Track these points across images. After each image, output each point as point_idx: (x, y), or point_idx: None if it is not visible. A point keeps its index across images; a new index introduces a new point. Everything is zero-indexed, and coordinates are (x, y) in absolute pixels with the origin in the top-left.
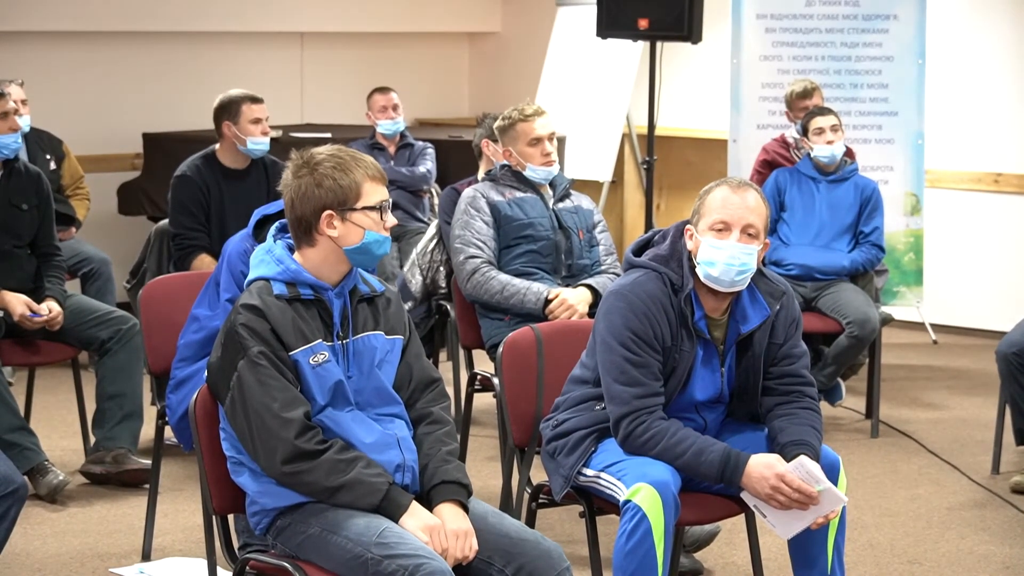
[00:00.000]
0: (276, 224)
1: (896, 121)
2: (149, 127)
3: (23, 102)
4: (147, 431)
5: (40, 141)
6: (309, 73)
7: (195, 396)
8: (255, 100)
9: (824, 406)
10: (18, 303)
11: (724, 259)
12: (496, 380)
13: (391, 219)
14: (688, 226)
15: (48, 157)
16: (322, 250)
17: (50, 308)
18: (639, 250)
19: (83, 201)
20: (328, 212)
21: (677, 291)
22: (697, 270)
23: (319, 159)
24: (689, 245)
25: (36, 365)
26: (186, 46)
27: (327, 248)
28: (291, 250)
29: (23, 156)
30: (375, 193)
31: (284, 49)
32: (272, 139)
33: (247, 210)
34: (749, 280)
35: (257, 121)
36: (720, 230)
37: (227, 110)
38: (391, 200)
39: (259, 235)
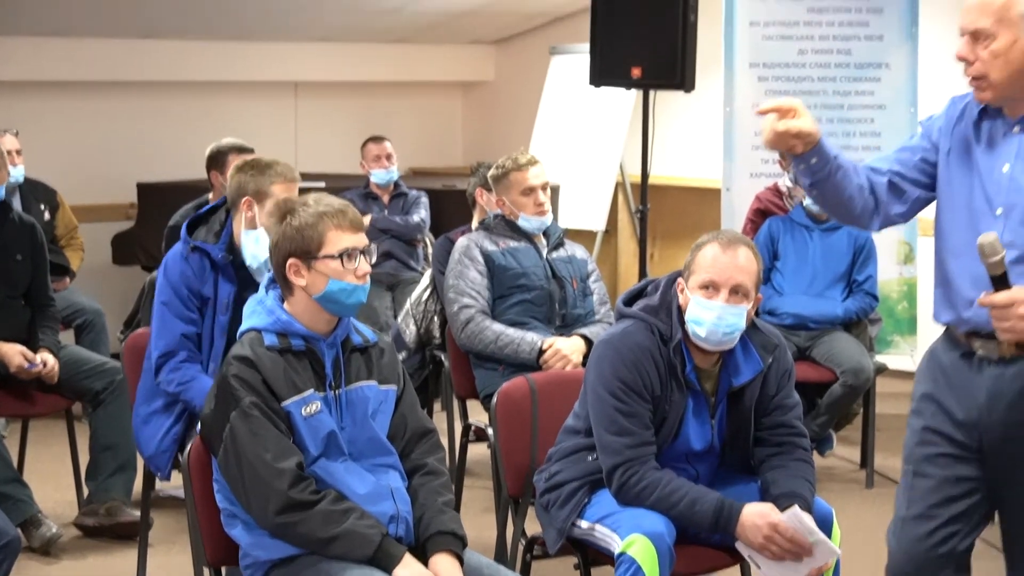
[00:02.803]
0: (268, 276)
1: None
2: (143, 177)
3: (17, 152)
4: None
5: (34, 191)
6: (303, 122)
7: (189, 447)
8: (244, 150)
9: (818, 456)
10: (14, 354)
11: (711, 319)
12: (490, 431)
13: (363, 267)
14: (680, 279)
15: (42, 207)
16: (300, 299)
17: (45, 360)
18: (630, 300)
19: (77, 251)
20: (292, 260)
21: (666, 342)
22: (686, 326)
23: (292, 208)
24: (680, 299)
25: (30, 416)
26: (180, 95)
27: (303, 297)
28: (283, 300)
29: (17, 206)
30: (340, 241)
31: (278, 98)
32: None
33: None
34: (738, 339)
35: None
36: (708, 288)
37: (217, 160)
38: (372, 247)
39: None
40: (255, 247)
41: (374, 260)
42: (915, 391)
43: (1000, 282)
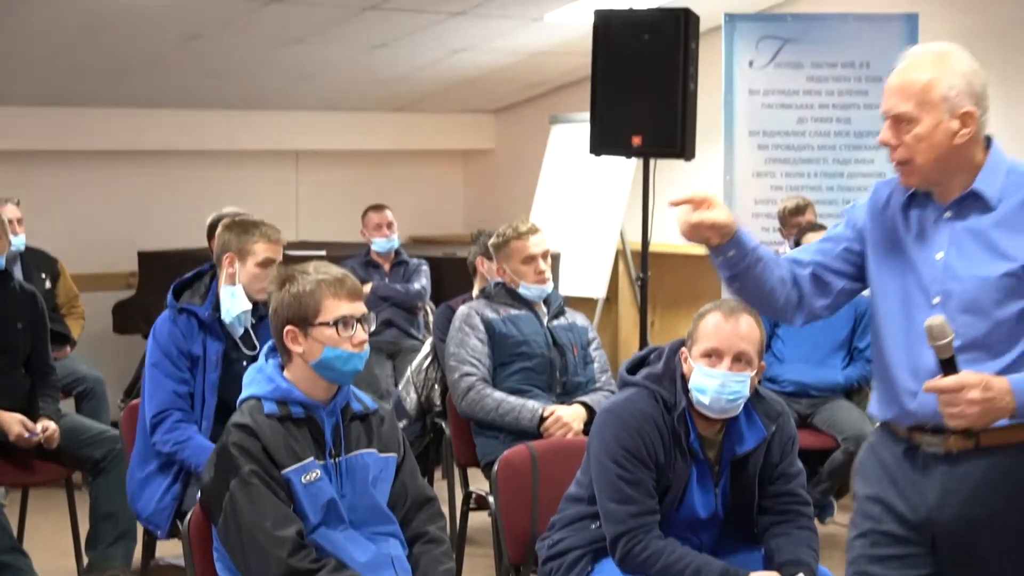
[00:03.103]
0: (268, 344)
1: None
2: (144, 245)
3: (18, 220)
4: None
5: (35, 260)
6: (304, 190)
7: (189, 516)
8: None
9: (819, 523)
10: (14, 422)
11: (715, 387)
12: (491, 499)
13: (360, 335)
14: (683, 348)
15: (43, 276)
16: (298, 366)
17: (46, 427)
18: (634, 368)
19: (78, 320)
20: (289, 327)
21: (670, 410)
22: (690, 395)
23: (291, 275)
24: (683, 368)
25: (29, 485)
26: (181, 164)
27: (301, 364)
28: (282, 368)
29: (18, 275)
30: (337, 309)
31: (279, 167)
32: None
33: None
34: (741, 407)
35: None
36: (711, 357)
37: (217, 229)
38: (371, 315)
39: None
40: (230, 302)
41: (372, 328)
42: (856, 491)
43: (948, 366)
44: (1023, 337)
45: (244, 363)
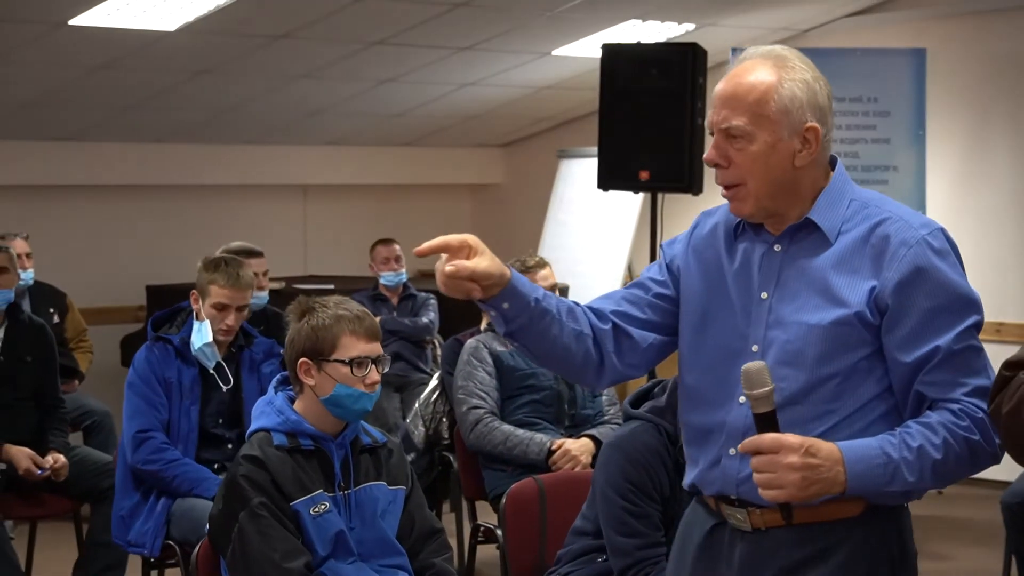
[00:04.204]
0: (278, 376)
1: None
2: (152, 279)
3: (27, 255)
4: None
5: (44, 294)
6: (312, 225)
7: (197, 549)
8: (253, 253)
9: None
10: (23, 457)
11: None
12: (499, 531)
13: (373, 376)
14: None
15: (51, 311)
16: (309, 398)
17: (55, 459)
18: (637, 401)
19: (86, 354)
20: (303, 360)
21: (674, 442)
22: None
23: (311, 307)
24: None
25: (38, 519)
26: (189, 199)
27: (311, 396)
28: (292, 401)
29: (27, 309)
30: (353, 348)
31: (287, 201)
32: (275, 291)
33: (251, 366)
34: None
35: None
36: None
37: None
38: (386, 356)
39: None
40: (196, 335)
41: (387, 369)
42: (667, 571)
43: (766, 423)
44: (852, 398)
45: (224, 389)
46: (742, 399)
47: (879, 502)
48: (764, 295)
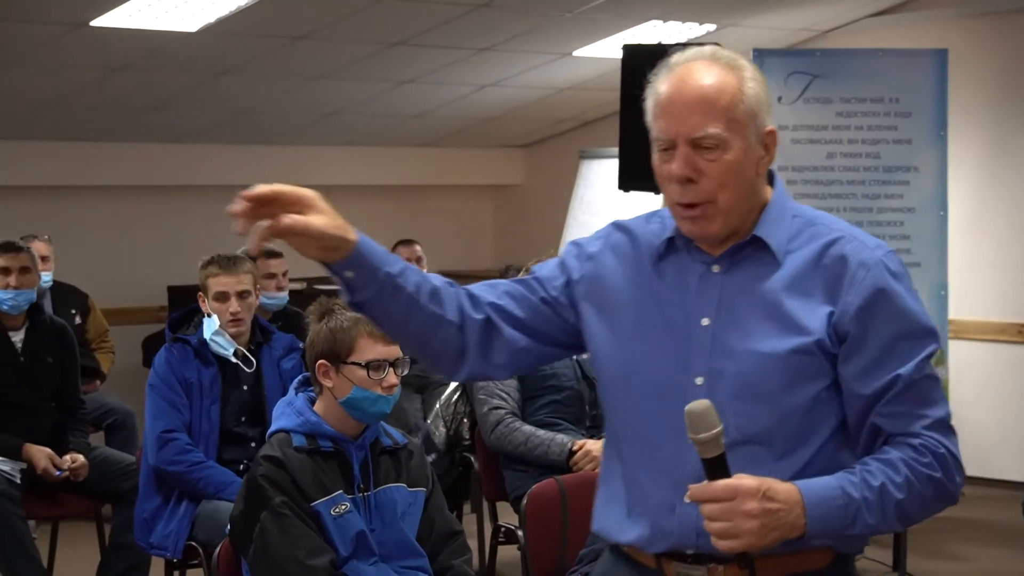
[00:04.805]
0: (299, 377)
1: (919, 272)
2: (174, 280)
3: (44, 258)
4: None
5: (65, 295)
6: None
7: (218, 550)
8: (273, 254)
9: None
10: (42, 456)
11: None
12: (520, 532)
13: (391, 379)
14: None
15: (73, 311)
16: (327, 400)
17: (74, 459)
18: None
19: (108, 354)
20: (322, 361)
21: None
22: None
23: (331, 309)
24: None
25: (59, 518)
26: (210, 199)
27: (330, 398)
28: (312, 402)
29: (48, 309)
30: (371, 350)
31: None
32: (295, 291)
33: (271, 362)
34: None
35: (271, 276)
36: None
37: None
38: (405, 358)
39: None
40: (206, 330)
41: (406, 372)
42: None
43: (715, 468)
44: (816, 433)
45: (245, 387)
46: None
47: (838, 548)
48: (705, 321)
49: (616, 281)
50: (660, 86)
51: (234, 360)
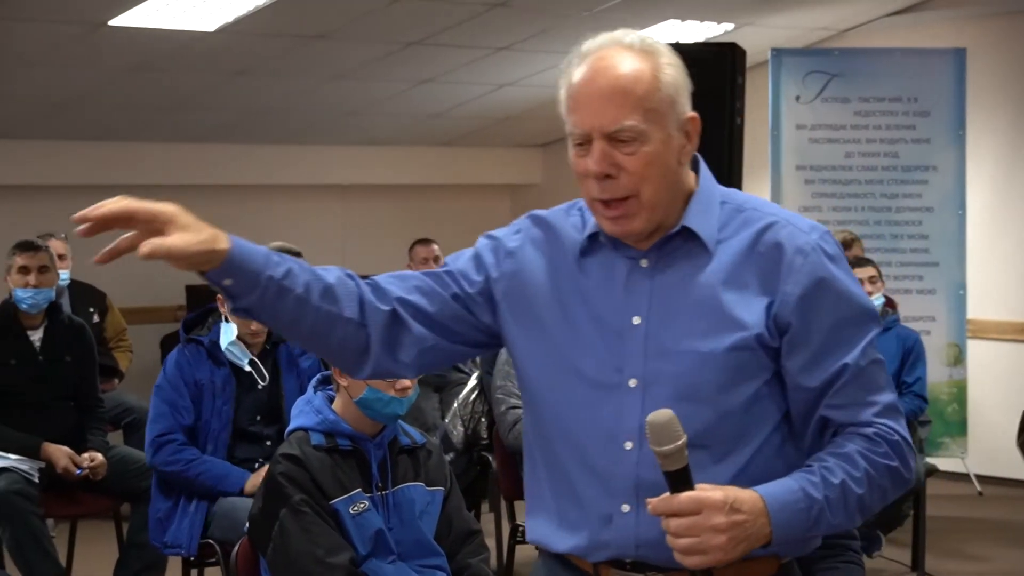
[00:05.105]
0: (318, 376)
1: (937, 272)
2: (192, 279)
3: (60, 256)
4: None
5: (83, 295)
6: (350, 224)
7: (236, 548)
8: (291, 252)
9: (867, 557)
10: (61, 455)
11: None
12: None
13: (404, 381)
14: None
15: (91, 310)
16: (345, 398)
17: (92, 457)
18: None
19: (126, 353)
20: None
21: None
22: None
23: None
24: None
25: (78, 517)
26: (228, 199)
27: (347, 397)
28: (331, 400)
29: (67, 308)
30: None
31: (326, 201)
32: None
33: (289, 361)
34: None
35: None
36: None
37: None
38: None
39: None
40: (223, 337)
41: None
42: None
43: (678, 480)
44: (757, 432)
45: (260, 387)
46: (628, 445)
47: (795, 551)
48: (636, 320)
49: (538, 278)
50: (572, 76)
51: (247, 368)
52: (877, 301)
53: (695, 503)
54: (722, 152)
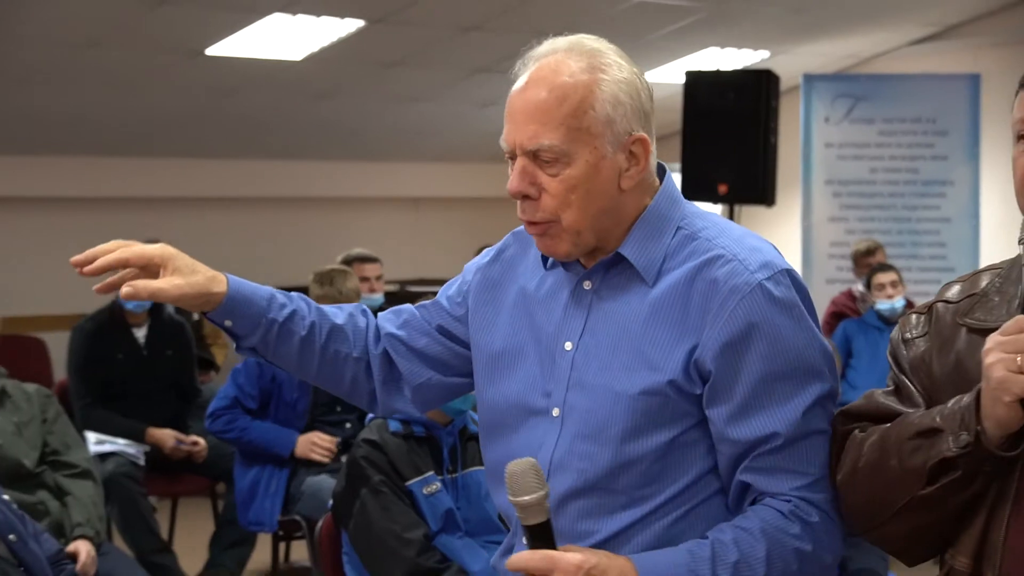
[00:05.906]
0: None
1: (953, 278)
2: (283, 282)
3: None
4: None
5: None
6: (423, 233)
7: (320, 524)
8: (369, 259)
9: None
10: (167, 437)
11: None
12: None
13: None
14: None
15: None
16: None
17: (195, 441)
18: None
19: (222, 348)
20: None
21: None
22: None
23: None
24: None
25: (178, 495)
26: (313, 210)
27: None
28: None
29: (169, 308)
30: None
31: (401, 212)
32: (390, 293)
33: None
34: None
35: (365, 280)
36: None
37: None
38: None
39: None
40: None
41: None
42: None
43: (539, 536)
44: (671, 480)
45: None
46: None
47: None
48: (568, 345)
49: (499, 294)
50: (515, 82)
51: None
52: (899, 303)
53: (548, 562)
54: (758, 167)
